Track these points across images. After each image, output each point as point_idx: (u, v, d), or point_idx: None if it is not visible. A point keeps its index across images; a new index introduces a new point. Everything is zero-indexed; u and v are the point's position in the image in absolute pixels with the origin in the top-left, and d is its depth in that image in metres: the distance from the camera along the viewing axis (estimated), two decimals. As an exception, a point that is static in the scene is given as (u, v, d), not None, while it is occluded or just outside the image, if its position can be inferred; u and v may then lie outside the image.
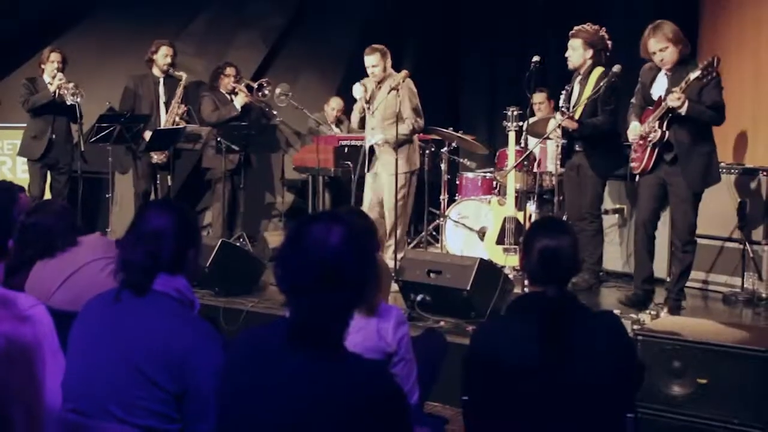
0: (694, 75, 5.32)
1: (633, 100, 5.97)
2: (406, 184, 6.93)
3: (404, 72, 6.80)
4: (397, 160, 6.64)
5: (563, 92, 6.69)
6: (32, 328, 1.47)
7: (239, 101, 8.31)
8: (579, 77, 6.54)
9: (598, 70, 6.41)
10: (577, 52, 6.49)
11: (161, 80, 8.19)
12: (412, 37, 10.10)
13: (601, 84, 6.26)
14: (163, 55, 8.12)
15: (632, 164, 5.93)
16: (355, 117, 7.23)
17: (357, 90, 6.97)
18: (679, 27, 5.69)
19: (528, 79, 6.54)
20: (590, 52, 6.46)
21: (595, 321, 2.83)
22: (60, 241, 3.62)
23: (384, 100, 6.84)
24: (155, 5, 9.06)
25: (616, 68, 6.20)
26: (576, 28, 6.56)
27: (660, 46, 5.59)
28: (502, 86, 9.85)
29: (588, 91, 6.35)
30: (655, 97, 5.71)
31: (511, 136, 7.08)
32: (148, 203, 2.84)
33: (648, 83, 5.81)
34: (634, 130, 5.77)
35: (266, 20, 9.59)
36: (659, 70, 5.74)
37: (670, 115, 5.52)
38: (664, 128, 5.56)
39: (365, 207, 6.97)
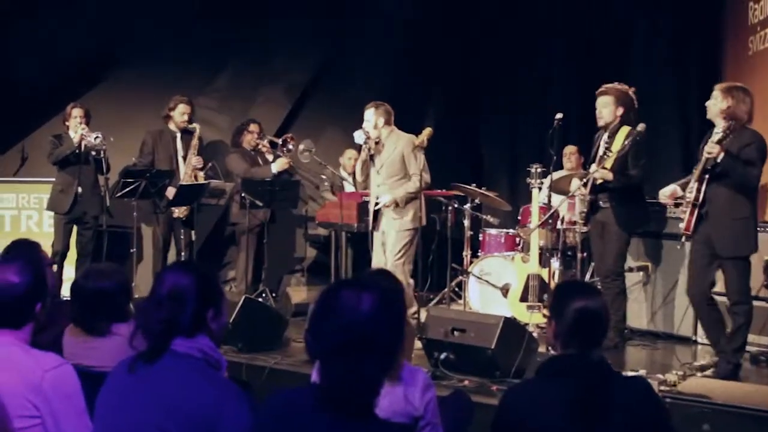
0: (717, 136, 5.31)
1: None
2: (410, 241, 6.89)
3: (428, 130, 6.80)
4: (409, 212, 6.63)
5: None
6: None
7: (277, 166, 8.34)
8: (605, 134, 6.51)
9: (625, 129, 6.40)
10: (608, 109, 6.47)
11: (178, 135, 8.28)
12: (434, 93, 10.18)
13: (626, 142, 6.25)
14: (180, 113, 8.23)
15: (681, 225, 5.86)
16: (358, 169, 7.18)
17: (359, 136, 6.93)
18: (702, 81, 5.70)
19: (551, 135, 6.56)
20: (621, 110, 6.45)
21: (628, 386, 2.80)
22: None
23: (390, 157, 6.85)
24: (179, 61, 9.17)
25: (641, 127, 6.21)
26: (606, 85, 6.55)
27: (721, 105, 5.51)
28: (525, 143, 9.88)
29: (617, 146, 6.33)
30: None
31: (535, 192, 7.10)
32: (168, 265, 2.82)
33: (701, 147, 5.68)
34: (663, 192, 5.81)
35: (289, 76, 9.69)
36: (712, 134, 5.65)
37: (707, 175, 5.48)
38: (704, 188, 5.50)
39: (374, 266, 6.94)
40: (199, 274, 2.65)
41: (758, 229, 6.44)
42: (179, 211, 8.14)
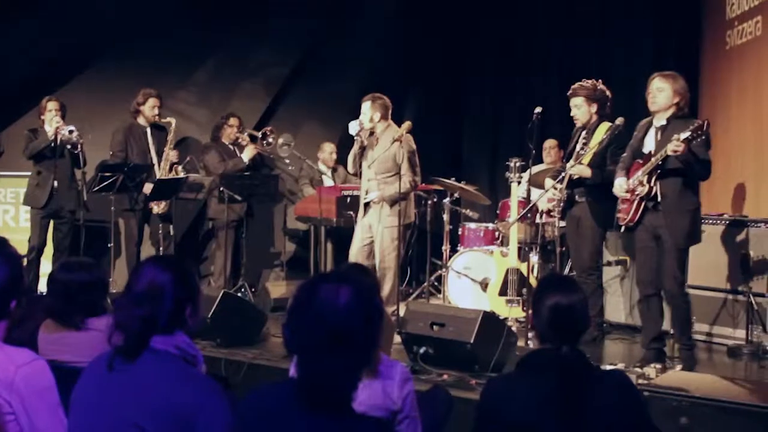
0: (684, 135, 5.23)
1: (624, 154, 5.93)
2: (400, 237, 6.89)
3: (407, 123, 6.78)
4: (398, 211, 6.62)
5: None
6: None
7: (247, 154, 8.33)
8: (584, 131, 6.52)
9: (605, 126, 6.39)
10: (582, 110, 6.48)
11: (149, 130, 8.17)
12: (414, 86, 10.19)
13: (604, 137, 6.25)
14: (150, 106, 8.10)
15: (618, 215, 5.90)
16: (350, 160, 7.17)
17: (353, 126, 6.92)
18: (680, 75, 5.68)
19: (530, 130, 6.57)
20: (595, 107, 6.45)
21: (605, 380, 2.82)
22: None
23: (382, 154, 6.83)
24: (158, 55, 9.11)
25: (620, 120, 6.20)
26: (574, 86, 6.55)
27: (659, 85, 5.57)
28: (504, 137, 9.91)
29: (595, 142, 6.33)
30: (645, 152, 5.66)
31: (514, 186, 7.12)
32: (144, 260, 2.77)
33: (640, 137, 5.77)
34: (620, 186, 5.72)
35: (269, 70, 9.66)
36: (651, 125, 5.71)
37: (658, 171, 5.49)
38: (652, 183, 5.51)
39: (351, 254, 6.94)
40: (176, 269, 2.62)
41: (735, 223, 6.56)
42: (158, 207, 8.08)
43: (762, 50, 7.26)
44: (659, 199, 5.53)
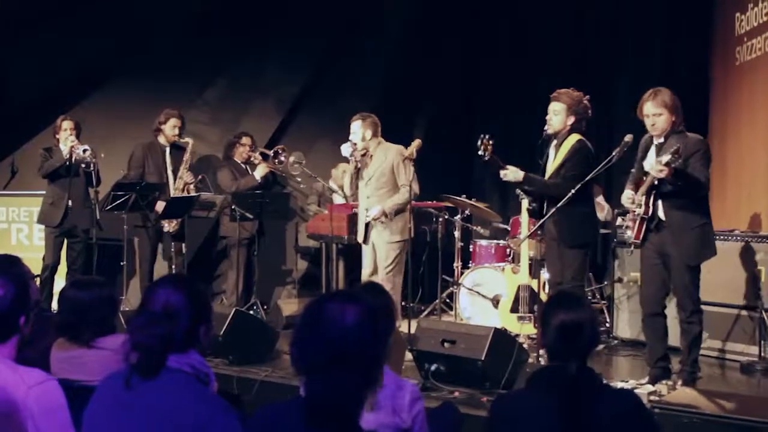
0: (665, 159, 5.19)
1: (633, 170, 5.87)
2: (401, 253, 6.90)
3: (417, 141, 6.82)
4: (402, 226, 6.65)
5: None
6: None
7: (259, 172, 8.36)
8: (554, 142, 6.30)
9: (574, 137, 6.15)
10: (558, 117, 6.19)
11: (168, 149, 8.22)
12: (425, 104, 10.21)
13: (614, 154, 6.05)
14: (171, 126, 8.16)
15: (627, 233, 5.87)
16: (346, 183, 7.21)
17: (345, 149, 6.95)
18: (690, 91, 5.63)
19: (540, 146, 6.54)
20: (572, 119, 6.18)
21: (614, 398, 2.82)
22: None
23: (377, 170, 6.85)
24: (170, 74, 9.17)
25: (628, 138, 5.86)
26: (559, 91, 6.31)
27: (655, 111, 5.50)
28: (515, 154, 9.88)
29: (560, 157, 6.15)
30: (647, 168, 5.62)
31: (524, 203, 7.10)
32: (158, 280, 2.79)
33: (643, 154, 5.74)
34: (626, 198, 5.66)
35: (280, 88, 9.71)
36: (653, 141, 5.68)
37: (653, 191, 5.46)
38: (650, 204, 5.47)
39: (364, 279, 6.96)
40: (190, 290, 2.65)
41: (747, 239, 6.53)
42: (170, 225, 8.13)
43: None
44: (663, 218, 5.50)
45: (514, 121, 10.05)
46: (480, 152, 6.15)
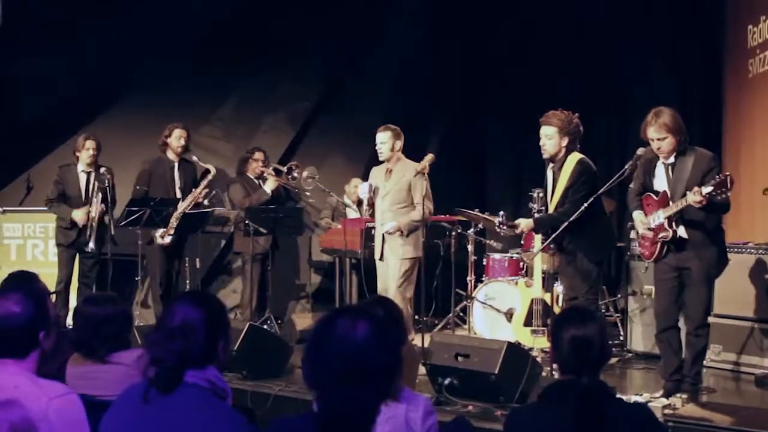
0: (706, 190, 5.15)
1: (631, 185, 5.83)
2: (411, 267, 6.91)
3: (430, 156, 6.84)
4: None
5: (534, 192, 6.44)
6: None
7: (270, 185, 8.38)
8: (552, 165, 6.28)
9: (573, 158, 6.14)
10: (552, 141, 6.15)
11: (176, 164, 8.10)
12: (438, 118, 10.24)
13: (627, 165, 6.03)
14: (177, 138, 8.01)
15: (640, 250, 5.86)
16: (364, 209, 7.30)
17: (363, 190, 7.04)
18: (703, 103, 5.62)
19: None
20: (566, 140, 6.14)
21: (627, 411, 2.82)
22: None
23: (397, 185, 6.88)
24: (184, 90, 9.23)
25: (641, 151, 5.82)
26: (549, 113, 6.26)
27: (659, 135, 5.46)
28: (528, 167, 9.92)
29: (564, 180, 6.12)
30: (656, 187, 5.61)
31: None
32: (177, 297, 2.82)
33: (649, 171, 5.70)
34: (640, 222, 5.64)
35: (293, 104, 9.77)
36: (657, 158, 5.64)
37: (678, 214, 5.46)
38: (674, 227, 5.46)
39: (379, 293, 6.96)
40: (209, 307, 2.68)
41: (762, 251, 6.52)
42: (161, 239, 7.88)
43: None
44: (685, 236, 5.48)
45: (527, 136, 10.05)
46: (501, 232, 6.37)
